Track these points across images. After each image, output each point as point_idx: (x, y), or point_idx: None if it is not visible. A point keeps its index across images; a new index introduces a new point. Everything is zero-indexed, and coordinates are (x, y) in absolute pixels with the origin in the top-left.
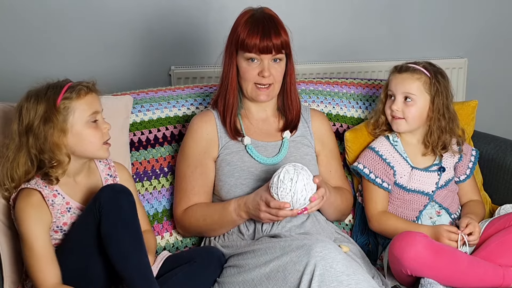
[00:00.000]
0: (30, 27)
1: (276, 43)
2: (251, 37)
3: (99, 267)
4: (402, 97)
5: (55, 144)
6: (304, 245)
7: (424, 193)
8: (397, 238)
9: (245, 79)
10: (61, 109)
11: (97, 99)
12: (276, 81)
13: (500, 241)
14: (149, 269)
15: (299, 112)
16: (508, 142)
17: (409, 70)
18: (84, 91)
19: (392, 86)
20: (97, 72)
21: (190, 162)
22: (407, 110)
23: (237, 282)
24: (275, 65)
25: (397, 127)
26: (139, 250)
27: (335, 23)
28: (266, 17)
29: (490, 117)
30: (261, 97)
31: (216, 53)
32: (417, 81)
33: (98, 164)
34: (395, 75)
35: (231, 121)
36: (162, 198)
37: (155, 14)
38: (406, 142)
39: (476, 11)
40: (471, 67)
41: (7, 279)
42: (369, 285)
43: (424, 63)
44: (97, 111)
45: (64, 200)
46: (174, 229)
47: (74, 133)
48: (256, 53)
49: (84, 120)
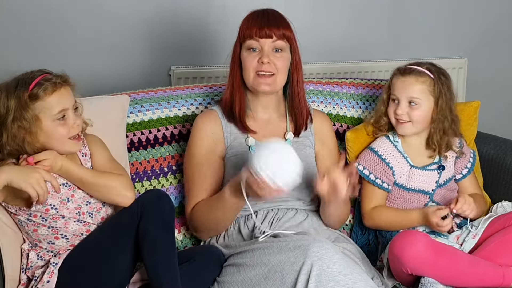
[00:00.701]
0: (30, 27)
1: (276, 30)
2: (251, 26)
3: (125, 266)
4: (407, 101)
5: (25, 140)
6: (301, 245)
7: (424, 192)
8: (398, 237)
9: (246, 67)
10: (29, 108)
11: (66, 94)
12: (278, 71)
13: (500, 241)
14: (176, 270)
15: (308, 114)
16: (508, 142)
17: (413, 73)
18: (51, 88)
19: (396, 90)
20: (97, 72)
21: (197, 161)
22: (412, 113)
23: (236, 282)
24: (276, 55)
25: (403, 131)
26: (171, 251)
27: (335, 23)
28: (269, 11)
29: (490, 117)
30: (263, 86)
31: (216, 53)
32: (422, 84)
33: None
34: (398, 79)
35: (239, 115)
36: None
37: (155, 14)
38: (407, 143)
39: (476, 11)
40: (471, 67)
41: (8, 278)
42: (366, 284)
43: (427, 64)
44: (64, 108)
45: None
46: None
47: (42, 129)
48: (255, 38)
49: (51, 118)
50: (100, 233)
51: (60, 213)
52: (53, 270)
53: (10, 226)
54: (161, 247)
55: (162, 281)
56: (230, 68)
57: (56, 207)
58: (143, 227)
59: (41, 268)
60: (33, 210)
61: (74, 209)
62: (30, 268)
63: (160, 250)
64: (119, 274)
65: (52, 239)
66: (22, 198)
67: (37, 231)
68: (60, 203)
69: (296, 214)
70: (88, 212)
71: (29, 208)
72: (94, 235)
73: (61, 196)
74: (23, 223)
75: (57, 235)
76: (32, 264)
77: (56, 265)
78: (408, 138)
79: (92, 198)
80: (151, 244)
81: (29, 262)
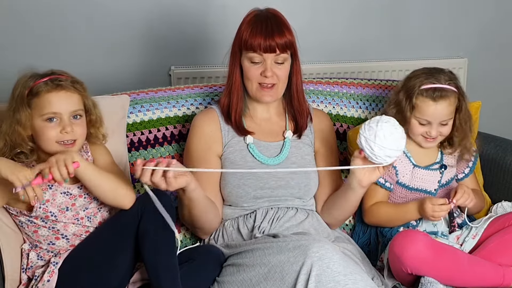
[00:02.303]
0: (30, 27)
1: (280, 42)
2: (254, 37)
3: (125, 265)
4: (439, 123)
5: (20, 136)
6: (301, 245)
7: (426, 191)
8: (398, 237)
9: (249, 78)
10: (25, 101)
11: (65, 99)
12: (280, 81)
13: (500, 241)
14: (176, 270)
15: (308, 114)
16: (508, 142)
17: (444, 97)
18: (50, 88)
19: (427, 116)
20: (97, 72)
21: (194, 159)
22: (442, 130)
23: (236, 281)
24: (278, 66)
25: (430, 145)
26: (171, 250)
27: (335, 23)
28: (270, 17)
29: (490, 117)
30: (265, 97)
31: (216, 53)
32: (452, 105)
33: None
34: (430, 105)
35: (236, 120)
36: None
37: (155, 14)
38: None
39: (476, 11)
40: (471, 67)
41: (8, 278)
42: (366, 284)
43: (446, 76)
44: (56, 111)
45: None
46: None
47: (33, 126)
48: (259, 52)
49: (40, 117)
50: (100, 233)
51: (59, 220)
52: (53, 269)
53: (10, 226)
54: (161, 247)
55: (162, 281)
56: (229, 71)
57: (55, 214)
58: (143, 227)
59: (41, 268)
60: (33, 215)
61: (72, 216)
62: (30, 268)
63: (160, 250)
64: (119, 274)
65: (53, 240)
66: (24, 202)
67: (37, 232)
68: (59, 212)
69: (296, 214)
70: (87, 216)
71: (29, 212)
72: (95, 235)
73: (61, 205)
74: (23, 224)
75: (57, 235)
76: (32, 264)
77: (57, 265)
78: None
79: (90, 203)
80: (151, 244)
81: (29, 262)
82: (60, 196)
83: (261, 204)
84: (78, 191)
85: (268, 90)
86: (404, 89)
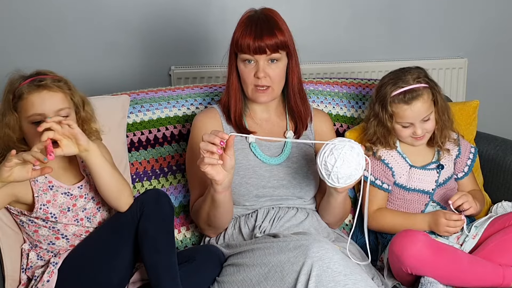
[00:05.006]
0: (30, 27)
1: (269, 43)
2: (244, 38)
3: (125, 265)
4: (421, 121)
5: (11, 139)
6: (301, 246)
7: (424, 191)
8: (398, 236)
9: (244, 81)
10: (12, 109)
11: (49, 99)
12: (274, 82)
13: (500, 241)
14: (176, 270)
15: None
16: (508, 142)
17: (415, 97)
18: (31, 90)
19: (406, 118)
20: (97, 72)
21: (197, 158)
22: (427, 127)
23: (236, 281)
24: (272, 66)
25: (421, 143)
26: (170, 250)
27: (335, 23)
28: (262, 18)
29: (490, 117)
30: (261, 98)
31: (216, 53)
32: (427, 101)
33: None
34: (405, 109)
35: (236, 120)
36: None
37: (155, 14)
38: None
39: (476, 11)
40: (471, 67)
41: (8, 278)
42: (366, 284)
43: (413, 74)
44: (41, 112)
45: (47, 179)
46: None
47: (21, 127)
48: (250, 54)
49: (26, 119)
50: (100, 233)
51: (59, 221)
52: (53, 269)
53: (11, 226)
54: (161, 246)
55: (162, 281)
56: (228, 73)
57: (55, 215)
58: (142, 226)
59: (41, 268)
60: (33, 216)
61: (72, 217)
62: (30, 268)
63: (160, 250)
64: (119, 274)
65: (53, 240)
66: (25, 203)
67: (38, 232)
68: (60, 212)
69: (297, 213)
70: (86, 217)
71: (30, 213)
72: (94, 235)
73: (62, 205)
74: (24, 224)
75: (57, 235)
76: (32, 264)
77: (56, 265)
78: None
79: (88, 203)
80: (150, 243)
81: (29, 262)
82: (61, 196)
83: (262, 203)
84: (79, 191)
85: (263, 92)
86: (378, 100)
